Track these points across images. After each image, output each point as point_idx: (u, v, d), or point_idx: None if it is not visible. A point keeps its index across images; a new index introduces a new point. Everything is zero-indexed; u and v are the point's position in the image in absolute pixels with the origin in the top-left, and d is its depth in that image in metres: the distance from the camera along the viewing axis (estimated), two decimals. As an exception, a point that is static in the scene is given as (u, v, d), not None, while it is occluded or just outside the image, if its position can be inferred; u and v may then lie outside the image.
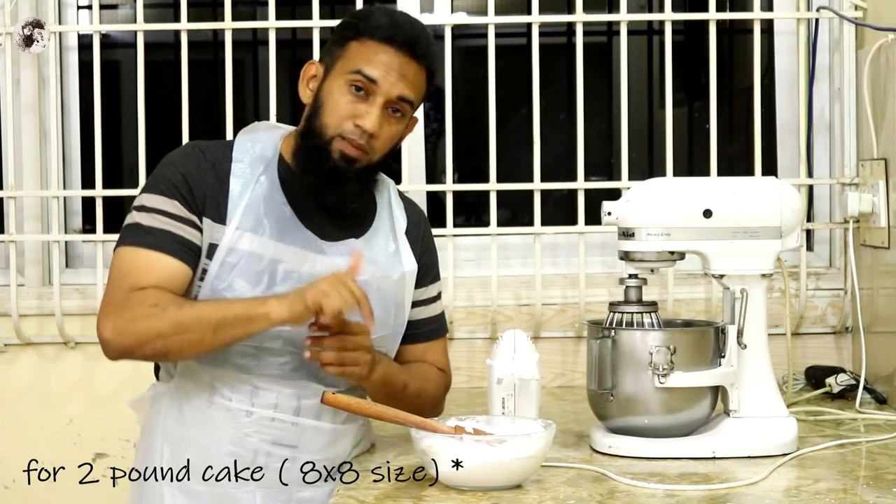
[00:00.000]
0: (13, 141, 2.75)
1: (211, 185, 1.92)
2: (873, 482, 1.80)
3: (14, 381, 2.78)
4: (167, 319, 1.83)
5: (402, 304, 2.05)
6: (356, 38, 1.94)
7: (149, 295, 1.86)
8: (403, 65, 1.93)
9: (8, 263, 2.74)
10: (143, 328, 1.84)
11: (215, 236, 1.91)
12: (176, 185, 1.91)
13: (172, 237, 1.89)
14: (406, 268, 2.04)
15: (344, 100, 1.92)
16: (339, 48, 1.96)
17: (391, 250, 2.04)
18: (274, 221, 1.93)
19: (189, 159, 1.95)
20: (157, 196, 1.92)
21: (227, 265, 1.90)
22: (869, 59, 2.55)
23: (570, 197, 2.78)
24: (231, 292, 1.89)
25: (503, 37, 2.87)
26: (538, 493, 1.73)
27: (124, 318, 1.85)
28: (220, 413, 1.93)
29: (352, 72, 1.92)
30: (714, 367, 1.97)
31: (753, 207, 1.97)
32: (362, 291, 1.83)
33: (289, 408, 1.94)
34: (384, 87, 1.92)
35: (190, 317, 1.84)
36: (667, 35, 2.70)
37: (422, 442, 1.74)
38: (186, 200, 1.91)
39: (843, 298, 2.73)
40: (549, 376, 2.68)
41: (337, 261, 1.94)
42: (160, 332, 1.84)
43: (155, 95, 2.75)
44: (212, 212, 1.91)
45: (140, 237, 1.90)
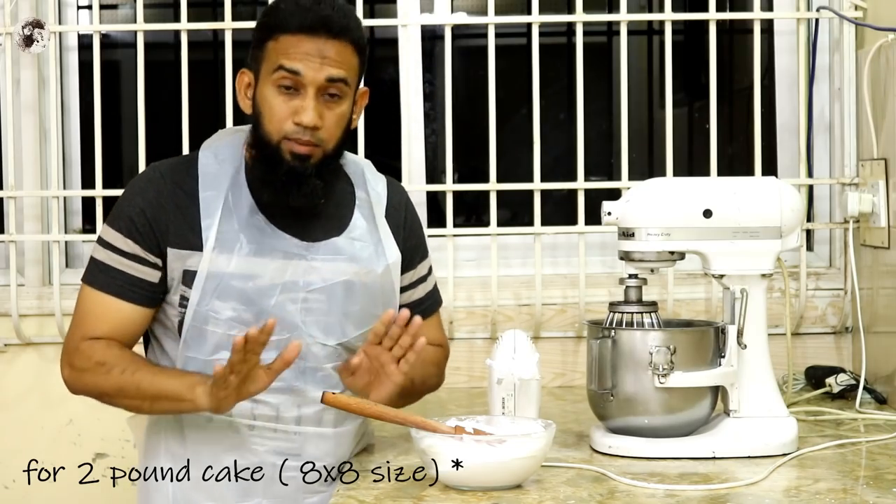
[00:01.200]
0: (13, 141, 2.75)
1: (174, 212, 1.91)
2: (873, 482, 1.80)
3: (14, 381, 2.78)
4: (110, 382, 1.89)
5: (389, 295, 2.03)
6: (271, 37, 1.90)
7: (97, 350, 1.91)
8: (322, 47, 1.87)
9: (8, 263, 2.74)
10: (89, 383, 1.92)
11: (189, 263, 1.90)
12: (133, 220, 1.91)
13: (126, 279, 1.92)
14: (390, 259, 2.01)
15: (277, 101, 1.89)
16: (260, 51, 1.92)
17: (374, 242, 2.01)
18: (251, 235, 1.91)
19: (149, 186, 1.93)
20: (115, 233, 1.93)
21: (207, 290, 1.89)
22: (869, 59, 2.55)
23: (570, 197, 2.78)
24: (216, 314, 1.89)
25: (503, 37, 2.87)
26: (538, 493, 1.73)
27: (74, 369, 1.93)
28: (222, 428, 1.93)
29: (274, 70, 1.88)
30: (714, 367, 1.97)
31: (753, 207, 1.97)
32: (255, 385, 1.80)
33: (290, 418, 1.94)
34: (309, 76, 1.87)
35: (129, 384, 1.88)
36: (667, 35, 2.70)
37: (422, 442, 1.74)
38: (144, 238, 1.91)
39: (843, 298, 2.73)
40: (549, 376, 2.68)
41: (320, 265, 1.93)
42: (104, 391, 1.92)
43: (155, 95, 2.75)
44: (176, 241, 1.90)
45: (97, 277, 1.94)
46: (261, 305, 1.90)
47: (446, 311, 2.68)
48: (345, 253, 1.96)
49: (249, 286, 1.90)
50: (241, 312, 1.89)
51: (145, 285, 1.92)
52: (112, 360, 1.89)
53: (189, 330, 1.91)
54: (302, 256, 1.93)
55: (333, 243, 1.96)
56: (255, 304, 1.90)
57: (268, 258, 1.91)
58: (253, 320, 1.88)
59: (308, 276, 1.93)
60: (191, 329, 1.91)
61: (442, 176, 2.87)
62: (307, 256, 1.94)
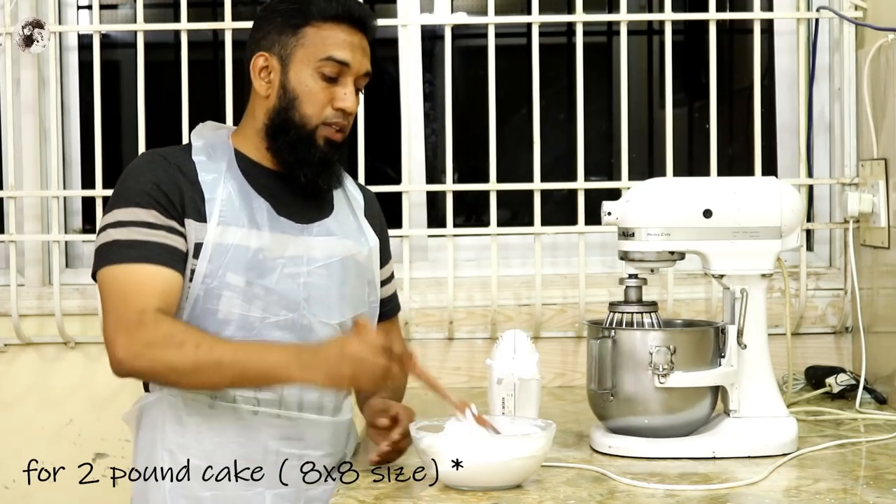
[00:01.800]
0: (13, 141, 2.75)
1: (184, 187, 1.91)
2: (873, 482, 1.80)
3: (14, 381, 2.78)
4: (185, 357, 1.79)
5: (373, 281, 2.08)
6: (308, 24, 1.94)
7: (162, 322, 1.81)
8: (361, 41, 1.98)
9: (8, 263, 2.74)
10: (158, 357, 1.80)
11: (199, 235, 1.90)
12: (149, 193, 1.88)
13: (159, 247, 1.86)
14: (371, 243, 2.08)
15: (318, 87, 1.94)
16: (292, 36, 1.95)
17: (356, 227, 2.07)
18: (251, 213, 1.93)
19: (155, 167, 1.92)
20: (132, 209, 1.88)
21: (216, 260, 1.89)
22: (869, 59, 2.55)
23: (570, 197, 2.78)
24: (225, 288, 1.89)
25: (503, 37, 2.87)
26: (538, 493, 1.73)
27: (138, 341, 1.80)
28: (225, 415, 1.93)
29: (322, 59, 1.93)
30: (714, 367, 1.97)
31: (753, 207, 1.97)
32: (385, 351, 1.79)
33: (293, 402, 1.95)
34: (354, 67, 1.96)
35: (208, 362, 1.79)
36: (667, 35, 2.70)
37: (422, 442, 1.74)
38: (164, 207, 1.88)
39: (843, 298, 2.73)
40: (549, 376, 2.68)
41: (318, 243, 1.97)
42: (175, 367, 1.80)
43: (155, 95, 2.75)
44: (192, 212, 1.90)
45: (127, 253, 1.85)
46: (266, 278, 1.91)
47: (446, 311, 2.69)
48: (336, 233, 2.02)
49: (255, 257, 1.91)
50: (249, 284, 1.90)
51: (177, 252, 1.88)
52: (181, 334, 1.81)
53: (196, 301, 1.90)
54: (300, 233, 1.97)
55: (325, 224, 2.01)
56: (260, 276, 1.91)
57: (270, 233, 1.93)
58: (262, 294, 1.91)
59: (310, 252, 1.97)
60: (198, 300, 1.90)
61: (442, 176, 2.87)
62: (305, 233, 1.98)
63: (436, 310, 2.72)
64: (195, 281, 1.89)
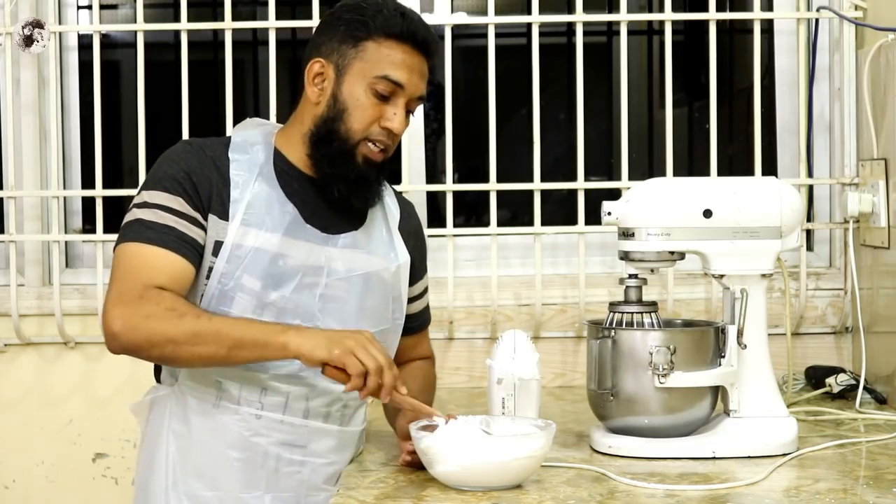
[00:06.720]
0: (13, 141, 2.75)
1: (214, 181, 1.91)
2: (873, 482, 1.80)
3: (14, 381, 2.78)
4: (183, 327, 1.79)
5: (399, 298, 2.05)
6: (371, 38, 1.92)
7: (165, 297, 1.82)
8: (421, 64, 1.94)
9: (8, 263, 2.74)
10: (156, 328, 1.79)
11: (220, 233, 1.89)
12: (180, 181, 1.89)
13: (177, 234, 1.87)
14: (401, 260, 2.04)
15: (369, 103, 1.92)
16: (352, 48, 1.92)
17: (386, 242, 2.04)
18: (277, 218, 1.92)
19: (190, 156, 1.92)
20: (160, 192, 1.89)
21: (233, 261, 1.88)
22: (869, 59, 2.55)
23: (570, 197, 2.78)
24: (240, 290, 1.88)
25: (503, 37, 2.87)
26: (538, 493, 1.73)
27: (137, 314, 1.80)
28: (227, 416, 1.92)
29: (377, 77, 1.91)
30: (714, 367, 1.97)
31: (753, 207, 1.97)
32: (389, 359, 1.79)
33: (298, 409, 1.94)
34: (409, 90, 1.93)
35: (207, 329, 1.79)
36: (667, 35, 2.70)
37: (422, 442, 1.75)
38: (191, 197, 1.89)
39: (843, 298, 2.73)
40: (549, 376, 2.68)
41: (342, 255, 1.95)
42: (173, 337, 1.79)
43: (155, 95, 2.75)
44: (217, 208, 1.90)
45: (145, 233, 1.87)
46: (283, 286, 1.90)
47: (446, 311, 2.68)
48: (362, 247, 1.99)
49: (274, 263, 1.90)
50: (265, 290, 1.89)
51: (195, 243, 1.88)
52: (183, 307, 1.82)
53: (210, 300, 1.89)
54: (325, 243, 1.95)
55: (353, 236, 1.99)
56: (277, 283, 1.90)
57: (293, 240, 1.92)
58: (277, 299, 1.89)
59: (332, 264, 1.95)
60: (212, 300, 1.89)
61: (442, 176, 2.87)
62: (329, 244, 1.95)
63: (436, 310, 2.70)
64: (212, 279, 1.89)
